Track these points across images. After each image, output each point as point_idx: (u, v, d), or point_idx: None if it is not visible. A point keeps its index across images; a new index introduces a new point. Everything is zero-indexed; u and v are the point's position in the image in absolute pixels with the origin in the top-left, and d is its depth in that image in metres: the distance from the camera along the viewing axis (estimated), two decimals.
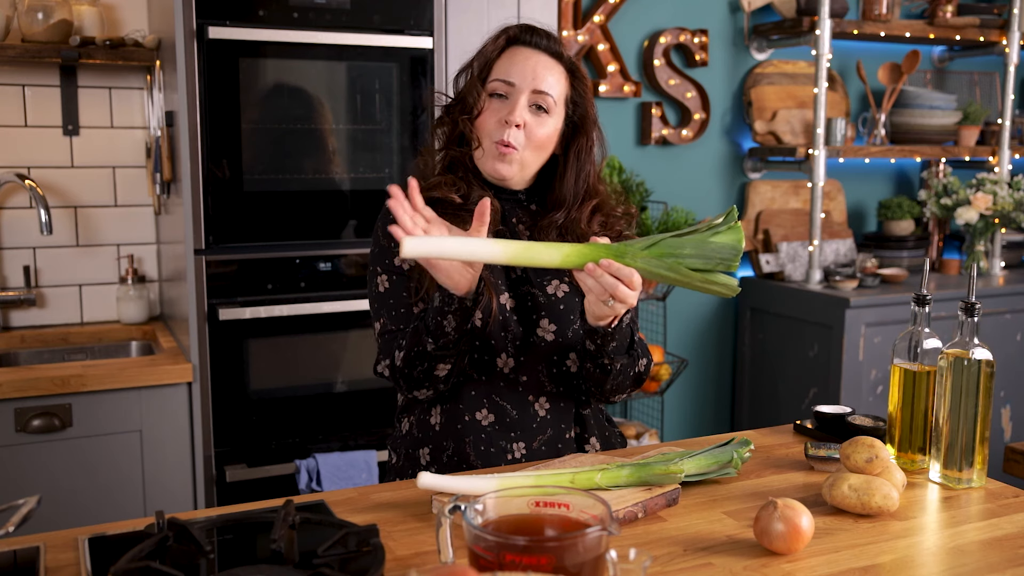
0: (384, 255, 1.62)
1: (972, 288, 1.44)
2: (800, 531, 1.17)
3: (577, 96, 1.62)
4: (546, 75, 1.57)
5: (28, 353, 2.62)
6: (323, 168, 2.47)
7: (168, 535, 1.10)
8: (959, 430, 1.44)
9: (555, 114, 1.59)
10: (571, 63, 1.63)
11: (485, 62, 1.60)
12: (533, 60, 1.58)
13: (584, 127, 1.63)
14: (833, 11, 3.30)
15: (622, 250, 1.36)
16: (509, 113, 1.55)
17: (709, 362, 3.66)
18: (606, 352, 1.50)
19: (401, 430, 1.69)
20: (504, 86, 1.57)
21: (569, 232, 1.62)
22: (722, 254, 1.35)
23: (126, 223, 2.82)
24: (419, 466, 1.63)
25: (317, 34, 2.39)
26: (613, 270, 1.34)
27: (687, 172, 3.52)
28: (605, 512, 0.97)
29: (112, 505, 2.30)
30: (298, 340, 2.47)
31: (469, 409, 1.59)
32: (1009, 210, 3.50)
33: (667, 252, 1.36)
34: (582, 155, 1.63)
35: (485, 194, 1.58)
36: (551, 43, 1.61)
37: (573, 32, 3.20)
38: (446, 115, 1.64)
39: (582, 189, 1.63)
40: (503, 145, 1.56)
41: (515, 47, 1.60)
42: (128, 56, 2.60)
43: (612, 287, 1.36)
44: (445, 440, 1.61)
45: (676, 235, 1.37)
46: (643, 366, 1.59)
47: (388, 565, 1.13)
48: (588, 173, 1.64)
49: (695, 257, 1.35)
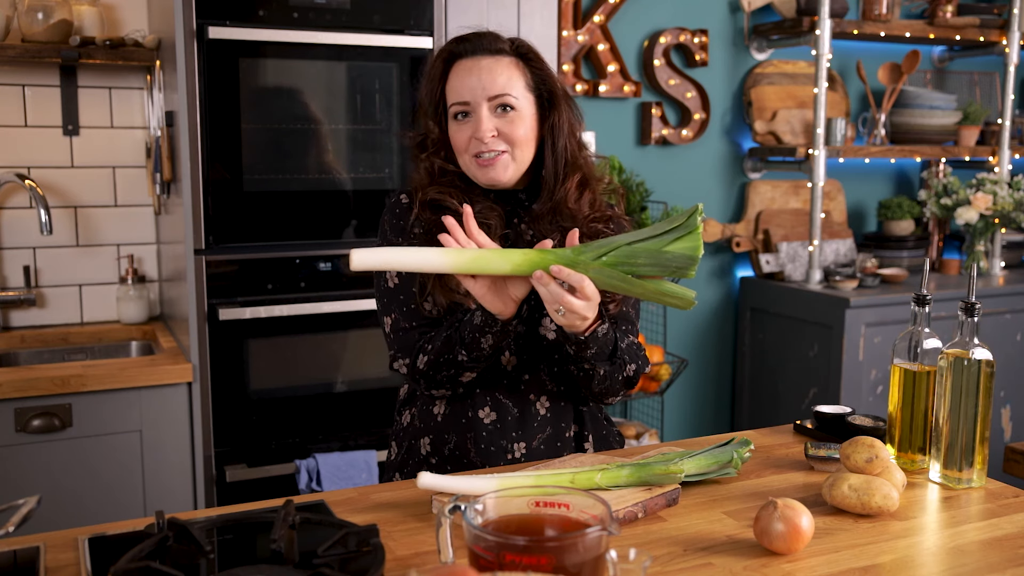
0: None
1: (972, 288, 1.44)
2: (800, 531, 1.17)
3: (536, 77, 1.59)
4: (494, 78, 1.54)
5: (28, 353, 2.62)
6: (323, 168, 2.47)
7: (168, 535, 1.10)
8: (959, 430, 1.44)
9: (522, 105, 1.56)
10: (517, 49, 1.59)
11: (433, 92, 1.58)
12: (475, 70, 1.55)
13: (554, 102, 1.60)
14: (833, 11, 3.30)
15: (574, 258, 1.33)
16: (476, 130, 1.53)
17: (709, 362, 3.66)
18: (585, 358, 1.49)
19: (402, 422, 1.69)
20: (462, 107, 1.55)
21: (559, 214, 1.59)
22: (677, 262, 1.31)
23: (126, 223, 2.82)
24: (419, 456, 1.63)
25: (317, 34, 2.39)
26: (563, 276, 1.32)
27: (687, 172, 3.52)
28: (605, 512, 0.97)
29: (112, 505, 2.30)
30: (298, 340, 2.47)
31: (473, 406, 1.59)
32: (1009, 210, 3.50)
33: (621, 261, 1.32)
34: (555, 131, 1.59)
35: (487, 203, 1.58)
36: (487, 42, 1.57)
37: (573, 32, 3.20)
38: (418, 151, 1.63)
39: (562, 163, 1.59)
40: (482, 156, 1.54)
41: (456, 63, 1.58)
42: (128, 56, 2.60)
43: (559, 296, 1.33)
44: (447, 432, 1.60)
45: (631, 241, 1.33)
46: (632, 371, 1.56)
47: (388, 565, 1.13)
48: (565, 146, 1.60)
49: (650, 266, 1.31)
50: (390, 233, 1.62)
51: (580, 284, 1.33)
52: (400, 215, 1.62)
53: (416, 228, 1.59)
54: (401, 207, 1.63)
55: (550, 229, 1.59)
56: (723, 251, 3.62)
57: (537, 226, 1.60)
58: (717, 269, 3.63)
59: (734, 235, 3.55)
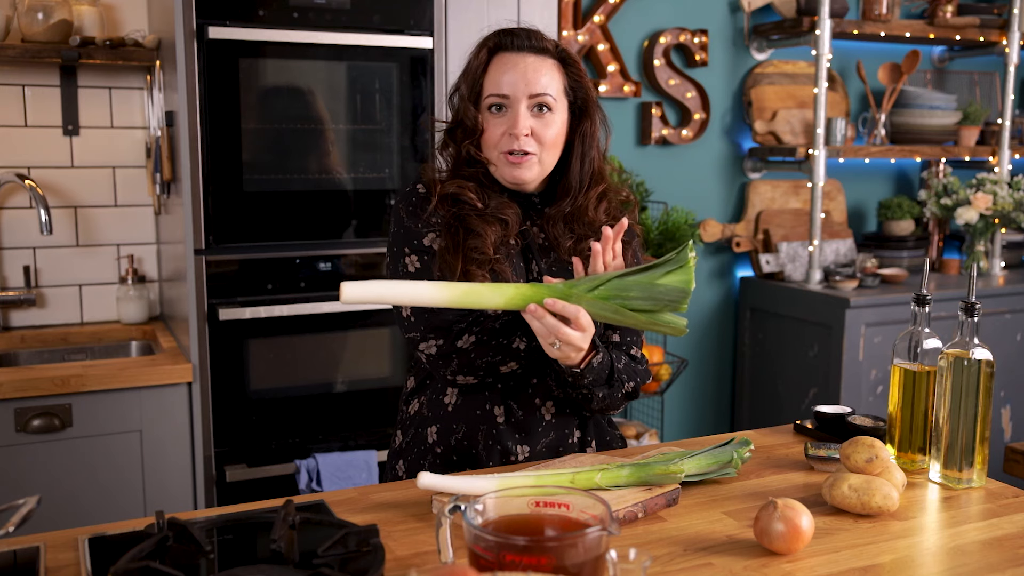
0: (411, 236, 1.58)
1: (972, 288, 1.44)
2: (800, 531, 1.17)
3: (574, 82, 1.60)
4: (538, 77, 1.54)
5: (28, 353, 2.62)
6: (323, 168, 2.47)
7: (168, 535, 1.10)
8: (959, 430, 1.44)
9: (558, 109, 1.57)
10: (559, 52, 1.59)
11: (473, 80, 1.57)
12: (521, 65, 1.55)
13: (587, 110, 1.61)
14: (833, 11, 3.30)
15: (567, 291, 1.34)
16: (512, 126, 1.53)
17: (709, 362, 3.66)
18: (582, 385, 1.50)
19: (409, 411, 1.68)
20: (500, 99, 1.55)
21: (576, 220, 1.60)
22: (669, 296, 1.33)
23: (126, 223, 2.82)
24: (425, 445, 1.62)
25: (317, 34, 2.39)
26: (557, 308, 1.33)
27: (687, 172, 3.52)
28: (605, 512, 0.97)
29: (112, 505, 2.30)
30: (298, 340, 2.47)
31: (489, 401, 1.58)
32: (1009, 210, 3.50)
33: (613, 294, 1.34)
34: (587, 139, 1.60)
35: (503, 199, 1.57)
36: (534, 40, 1.57)
37: (573, 32, 3.20)
38: (449, 139, 1.61)
39: (588, 173, 1.61)
40: (514, 154, 1.54)
41: (499, 55, 1.57)
42: (128, 56, 2.60)
43: (554, 328, 1.34)
44: (456, 422, 1.59)
45: (623, 274, 1.34)
46: (631, 388, 1.58)
47: (388, 565, 1.13)
48: (594, 156, 1.61)
49: (642, 299, 1.33)
50: (407, 219, 1.59)
51: (575, 315, 1.34)
52: (417, 203, 1.59)
53: (433, 218, 1.58)
54: (418, 196, 1.60)
55: (564, 233, 1.59)
56: (723, 251, 3.62)
57: (551, 229, 1.60)
58: (717, 269, 3.63)
59: (734, 235, 3.55)
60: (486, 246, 1.52)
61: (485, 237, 1.52)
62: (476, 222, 1.54)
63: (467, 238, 1.53)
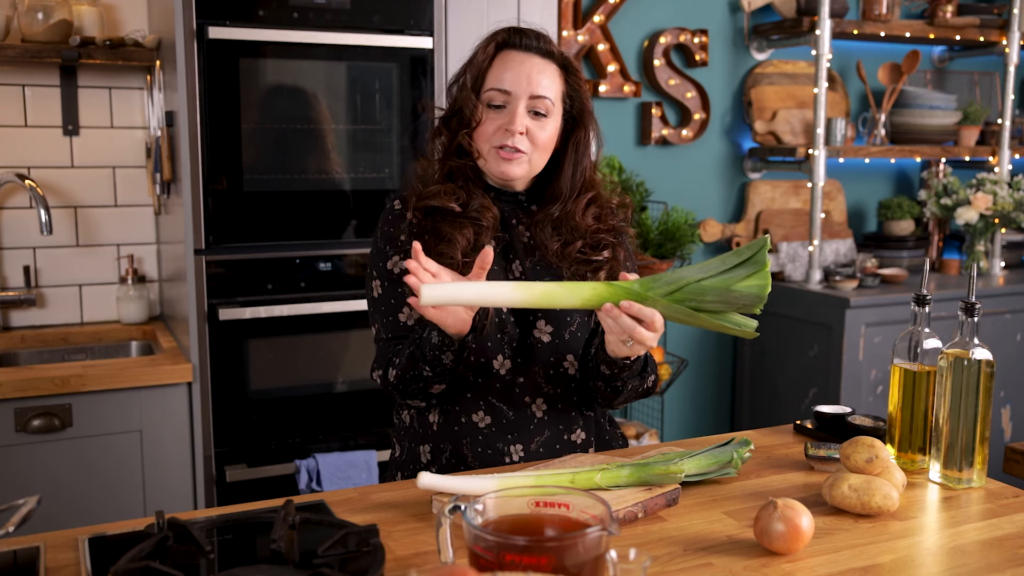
0: (379, 258, 1.63)
1: (972, 288, 1.44)
2: (800, 531, 1.17)
3: (572, 91, 1.62)
4: (541, 78, 1.56)
5: (28, 353, 2.62)
6: (323, 168, 2.47)
7: (168, 535, 1.10)
8: (959, 430, 1.44)
9: (554, 114, 1.58)
10: (563, 59, 1.61)
11: (478, 72, 1.58)
12: (527, 65, 1.56)
13: (582, 120, 1.62)
14: (833, 11, 3.30)
15: (643, 293, 1.35)
16: (509, 122, 1.54)
17: (709, 362, 3.66)
18: (619, 377, 1.53)
19: (404, 421, 1.69)
20: (500, 95, 1.56)
21: (564, 225, 1.61)
22: (744, 301, 1.32)
23: (126, 223, 2.82)
24: (420, 463, 1.63)
25: (317, 34, 2.39)
26: (634, 311, 1.34)
27: (687, 172, 3.52)
28: (605, 512, 0.97)
29: (112, 505, 2.30)
30: (298, 340, 2.47)
31: (465, 411, 1.59)
32: (1009, 210, 3.50)
33: (688, 298, 1.34)
34: (580, 148, 1.62)
35: (485, 201, 1.58)
36: (541, 43, 1.59)
37: (573, 32, 3.20)
38: (443, 127, 1.62)
39: (579, 182, 1.63)
40: (505, 150, 1.55)
41: (506, 52, 1.58)
42: (128, 56, 2.60)
43: (630, 328, 1.35)
44: (442, 442, 1.61)
45: (700, 278, 1.34)
46: (651, 382, 1.62)
47: (388, 565, 1.13)
48: (586, 166, 1.63)
49: (717, 303, 1.33)
50: (380, 241, 1.64)
51: (651, 319, 1.35)
52: (392, 222, 1.63)
53: (402, 235, 1.60)
54: (394, 214, 1.64)
55: (551, 236, 1.60)
56: (723, 251, 3.62)
57: (538, 232, 1.61)
58: None
59: (734, 235, 3.55)
60: (454, 251, 1.53)
61: (455, 243, 1.54)
62: (447, 228, 1.55)
63: (437, 244, 1.54)
